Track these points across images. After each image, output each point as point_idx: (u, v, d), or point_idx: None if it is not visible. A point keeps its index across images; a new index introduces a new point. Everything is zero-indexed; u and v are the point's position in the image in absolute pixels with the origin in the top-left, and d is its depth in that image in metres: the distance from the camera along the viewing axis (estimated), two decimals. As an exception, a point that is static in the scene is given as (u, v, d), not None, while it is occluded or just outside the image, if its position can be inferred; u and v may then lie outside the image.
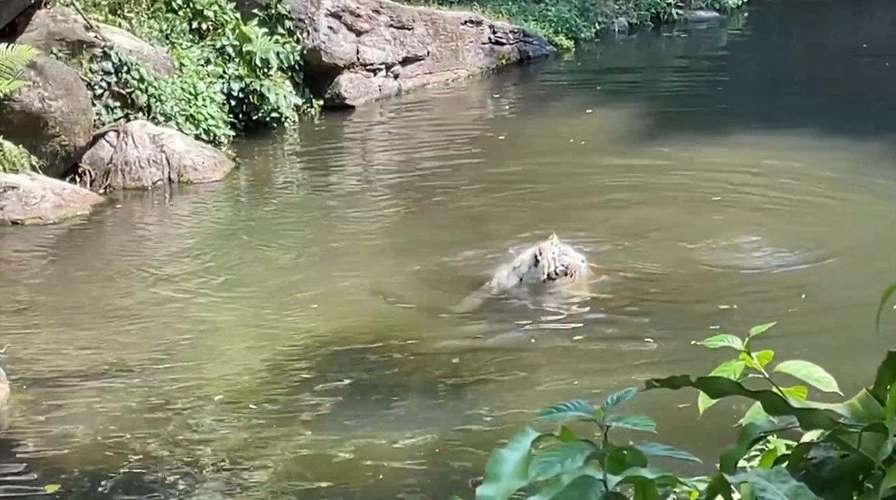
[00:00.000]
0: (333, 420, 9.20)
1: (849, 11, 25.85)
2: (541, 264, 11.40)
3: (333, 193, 14.99)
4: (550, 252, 11.41)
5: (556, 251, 11.44)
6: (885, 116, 17.35)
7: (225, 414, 9.38)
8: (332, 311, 11.17)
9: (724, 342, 2.88)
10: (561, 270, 11.44)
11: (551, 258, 11.40)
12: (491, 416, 9.12)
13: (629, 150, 15.99)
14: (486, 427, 8.96)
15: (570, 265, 11.46)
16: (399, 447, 8.76)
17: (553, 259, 11.40)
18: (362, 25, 18.76)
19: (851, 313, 10.33)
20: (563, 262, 11.43)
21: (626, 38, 22.84)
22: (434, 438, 8.84)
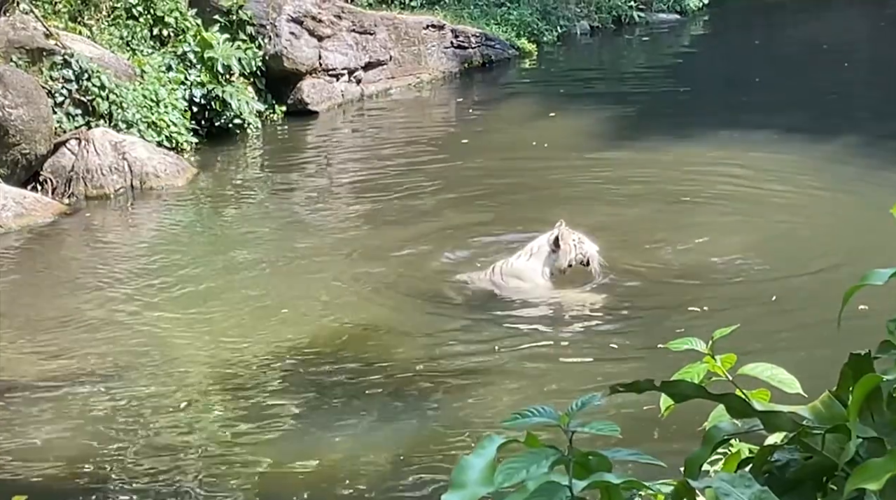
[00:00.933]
0: (299, 429, 9.16)
1: (808, 14, 26.00)
2: (562, 250, 11.21)
3: (297, 200, 14.96)
4: (570, 239, 11.24)
5: (576, 239, 11.29)
6: (845, 115, 17.47)
7: (190, 423, 9.33)
8: (298, 318, 11.13)
9: (688, 345, 2.89)
10: (580, 257, 11.28)
11: (572, 245, 11.23)
12: (456, 423, 9.10)
13: (593, 151, 16.03)
14: (452, 435, 8.94)
15: (588, 253, 11.29)
16: (365, 456, 8.74)
17: (574, 246, 11.25)
18: (324, 31, 18.74)
19: (820, 314, 10.39)
20: (581, 250, 11.25)
21: (587, 40, 22.92)
22: (399, 446, 8.82)
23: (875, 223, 12.65)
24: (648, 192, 14.20)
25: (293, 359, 10.26)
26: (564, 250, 11.21)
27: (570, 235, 11.26)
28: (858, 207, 13.35)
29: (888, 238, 12.07)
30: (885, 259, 11.29)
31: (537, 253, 11.31)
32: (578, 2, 23.15)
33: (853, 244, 12.13)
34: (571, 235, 11.29)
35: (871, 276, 2.27)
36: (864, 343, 2.41)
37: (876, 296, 10.37)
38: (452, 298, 11.49)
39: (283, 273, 12.29)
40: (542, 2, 22.66)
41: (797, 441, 2.33)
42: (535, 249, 11.35)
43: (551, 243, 11.26)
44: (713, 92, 19.39)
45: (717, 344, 2.88)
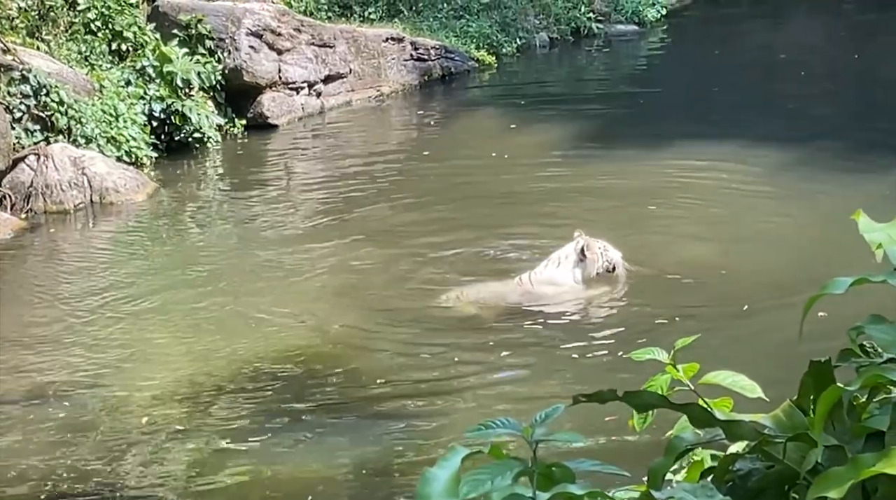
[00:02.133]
0: (259, 443, 9.13)
1: (765, 24, 26.16)
2: (589, 259, 11.42)
3: (258, 214, 14.91)
4: (597, 248, 11.44)
5: (601, 246, 11.49)
6: (802, 124, 17.58)
7: (149, 438, 9.29)
8: (258, 334, 11.08)
9: (650, 355, 2.90)
10: (606, 265, 11.48)
11: (599, 253, 11.43)
12: (418, 435, 9.10)
13: (555, 163, 16.06)
14: (414, 447, 8.94)
15: (614, 260, 11.51)
16: (327, 468, 8.72)
17: (601, 254, 11.45)
18: (284, 44, 18.71)
19: (780, 318, 10.47)
20: (607, 257, 11.47)
21: (547, 52, 22.97)
22: (362, 459, 8.81)
23: (832, 229, 12.76)
24: (611, 202, 14.23)
25: (256, 374, 10.23)
26: (592, 259, 11.45)
27: (595, 244, 11.50)
28: (817, 213, 13.44)
29: (845, 243, 12.18)
30: (844, 264, 11.36)
31: (565, 262, 11.51)
32: (537, 14, 23.21)
33: (815, 250, 12.22)
34: (597, 243, 11.53)
35: (831, 285, 2.28)
36: (821, 348, 2.42)
37: (836, 302, 10.43)
38: (417, 311, 11.49)
39: (245, 288, 12.25)
40: (501, 14, 22.71)
41: (759, 450, 2.34)
42: (563, 257, 11.55)
43: (578, 253, 11.47)
44: (673, 102, 19.47)
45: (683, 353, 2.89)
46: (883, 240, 2.29)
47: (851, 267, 9.71)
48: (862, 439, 2.29)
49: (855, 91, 19.93)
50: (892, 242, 2.28)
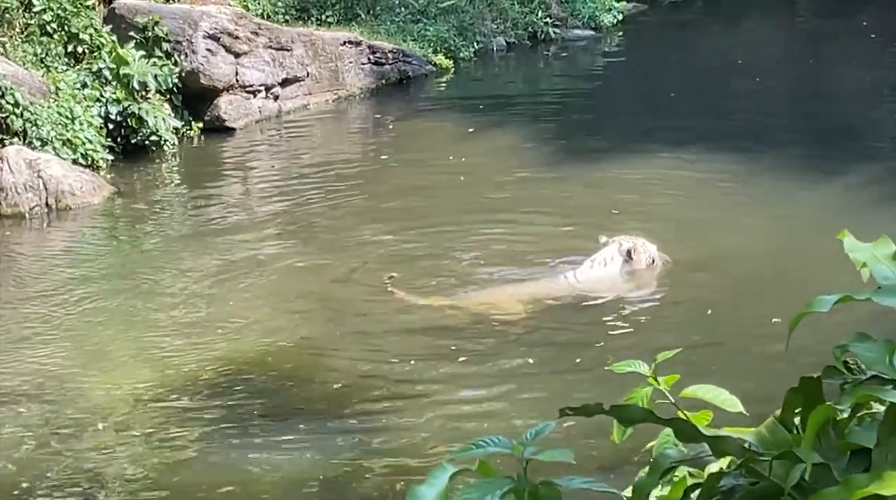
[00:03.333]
0: (221, 449, 9.11)
1: (721, 30, 26.29)
2: (636, 258, 11.91)
3: (215, 217, 14.85)
4: (640, 247, 11.97)
5: (641, 243, 12.02)
6: (759, 129, 17.70)
7: (108, 442, 9.24)
8: (215, 338, 11.05)
9: (631, 368, 2.91)
10: (649, 260, 12.04)
11: (642, 251, 11.96)
12: (380, 442, 9.10)
13: (512, 167, 16.09)
14: (376, 453, 8.93)
15: (653, 254, 12.09)
16: (285, 475, 8.69)
17: (644, 251, 11.98)
18: (241, 47, 18.64)
19: (754, 332, 10.56)
20: (649, 252, 12.04)
21: (504, 56, 23.00)
22: (321, 465, 8.80)
23: (791, 234, 12.87)
24: (569, 207, 14.28)
25: (214, 379, 10.19)
26: (638, 259, 11.96)
27: (638, 243, 12.01)
28: (773, 218, 13.53)
29: (801, 249, 12.30)
30: (806, 271, 11.42)
31: (611, 262, 11.94)
32: (495, 18, 23.23)
33: (776, 258, 12.31)
34: (636, 241, 12.04)
35: (815, 303, 2.30)
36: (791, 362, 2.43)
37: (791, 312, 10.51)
38: (379, 315, 11.48)
39: (203, 292, 12.20)
40: (458, 18, 22.71)
41: (745, 467, 2.35)
42: (609, 258, 11.95)
43: (624, 255, 11.92)
44: (630, 107, 19.56)
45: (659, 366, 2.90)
46: (868, 259, 2.31)
47: (807, 269, 9.77)
48: (846, 456, 2.30)
49: (810, 96, 20.06)
50: (876, 262, 2.29)
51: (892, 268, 2.29)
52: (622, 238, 12.16)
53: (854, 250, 2.36)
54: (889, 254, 2.34)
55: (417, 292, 11.74)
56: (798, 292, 11.08)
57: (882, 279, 2.26)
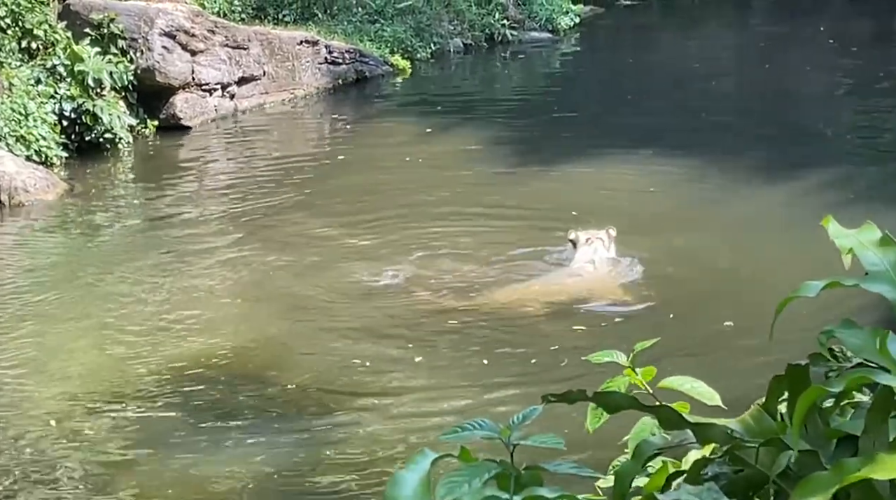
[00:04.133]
0: (176, 447, 9.02)
1: (678, 34, 26.44)
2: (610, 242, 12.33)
3: (168, 216, 14.73)
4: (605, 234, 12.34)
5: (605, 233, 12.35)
6: (714, 131, 17.79)
7: (61, 439, 9.14)
8: (170, 337, 10.94)
9: (609, 358, 2.88)
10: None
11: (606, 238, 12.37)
12: (341, 439, 9.05)
13: (468, 168, 16.09)
14: (337, 450, 8.89)
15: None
16: (244, 473, 8.63)
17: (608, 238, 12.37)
18: (197, 45, 18.53)
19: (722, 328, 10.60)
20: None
21: (461, 58, 23.01)
22: (281, 463, 8.74)
23: (747, 235, 12.93)
24: (526, 206, 14.27)
25: (170, 379, 10.09)
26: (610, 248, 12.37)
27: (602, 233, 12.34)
28: (728, 219, 13.60)
29: (757, 250, 12.37)
30: (764, 270, 11.47)
31: (602, 249, 12.26)
32: (452, 20, 23.23)
33: (735, 257, 12.36)
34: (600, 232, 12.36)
35: (803, 288, 2.28)
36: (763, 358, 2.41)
37: (741, 315, 10.50)
38: (336, 312, 11.44)
39: (156, 291, 12.09)
40: (415, 19, 22.70)
41: (729, 454, 2.33)
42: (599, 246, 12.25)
43: (606, 238, 12.29)
44: (587, 110, 19.59)
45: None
46: (854, 245, 2.29)
47: (768, 271, 9.78)
48: (832, 443, 2.29)
49: (765, 99, 20.19)
50: (863, 248, 2.28)
51: (879, 254, 2.27)
52: (590, 232, 12.32)
53: (839, 236, 2.35)
54: (875, 240, 2.32)
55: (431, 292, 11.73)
56: (760, 289, 11.13)
57: (870, 265, 2.24)
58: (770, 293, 8.71)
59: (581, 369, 9.04)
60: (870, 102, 19.31)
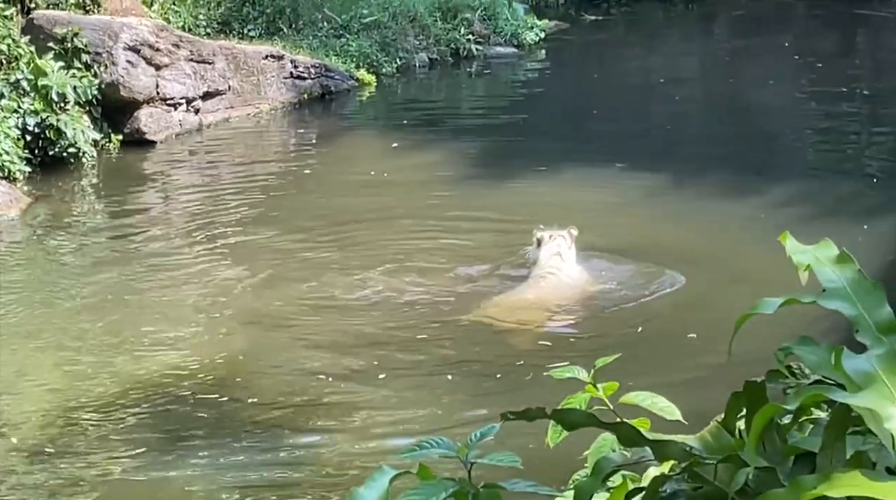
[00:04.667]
0: (141, 465, 8.98)
1: (642, 49, 26.54)
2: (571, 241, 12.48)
3: (132, 231, 14.66)
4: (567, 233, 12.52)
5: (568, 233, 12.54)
6: (679, 146, 17.87)
7: (23, 457, 9.08)
8: (134, 354, 10.88)
9: (570, 374, 2.89)
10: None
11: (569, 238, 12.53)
12: (308, 457, 9.02)
13: (434, 182, 16.09)
14: (304, 469, 8.86)
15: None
16: (212, 491, 8.60)
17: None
18: (162, 59, 18.48)
19: (686, 342, 10.62)
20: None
21: (427, 72, 23.04)
22: (249, 481, 8.71)
23: (715, 250, 12.98)
24: (492, 220, 14.29)
25: (137, 395, 10.04)
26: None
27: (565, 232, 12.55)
28: (696, 235, 13.63)
29: (729, 264, 12.41)
30: (727, 285, 11.51)
31: (568, 251, 12.40)
32: (417, 34, 23.25)
33: (698, 272, 12.40)
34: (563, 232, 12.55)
35: (760, 305, 2.29)
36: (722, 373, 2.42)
37: (706, 327, 10.53)
38: (298, 327, 11.41)
39: (122, 306, 12.03)
40: (381, 34, 22.71)
41: (688, 471, 2.34)
42: (565, 247, 12.39)
43: (568, 236, 12.44)
44: (552, 124, 19.65)
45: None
46: (811, 262, 2.30)
47: (732, 286, 9.82)
48: (790, 460, 2.29)
49: (729, 114, 20.30)
50: (820, 264, 2.29)
51: (836, 271, 2.28)
52: (553, 230, 12.52)
53: (796, 252, 2.36)
54: (832, 256, 2.33)
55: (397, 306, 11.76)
56: (724, 302, 11.19)
57: (827, 282, 2.25)
58: (734, 306, 8.81)
59: (546, 384, 9.04)
60: (833, 116, 19.43)
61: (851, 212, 14.40)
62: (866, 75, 22.83)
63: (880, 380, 2.03)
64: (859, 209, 14.44)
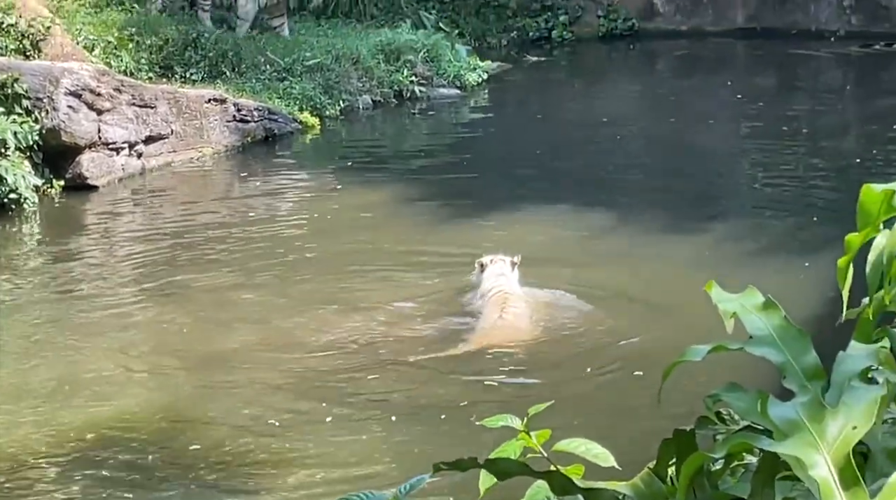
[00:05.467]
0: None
1: (585, 89, 26.74)
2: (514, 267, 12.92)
3: (74, 277, 14.55)
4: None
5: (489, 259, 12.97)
6: (620, 186, 17.98)
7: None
8: (74, 402, 10.77)
9: (503, 423, 2.89)
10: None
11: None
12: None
13: (375, 225, 16.11)
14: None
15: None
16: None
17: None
18: (103, 104, 18.41)
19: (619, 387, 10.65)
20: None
21: (370, 114, 23.08)
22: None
23: (655, 292, 13.04)
24: (435, 261, 14.30)
25: (70, 445, 9.93)
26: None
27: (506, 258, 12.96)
28: (638, 275, 13.69)
29: (669, 305, 12.47)
30: (667, 325, 11.55)
31: (511, 275, 12.83)
32: (360, 77, 23.30)
33: (638, 312, 12.45)
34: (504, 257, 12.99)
35: (688, 353, 2.30)
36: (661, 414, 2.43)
37: (644, 365, 10.54)
38: (240, 371, 11.36)
39: (59, 353, 11.92)
40: (324, 76, 22.74)
41: (620, 519, 2.34)
42: (507, 272, 12.80)
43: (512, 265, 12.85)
44: (496, 163, 19.72)
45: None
46: (737, 309, 2.32)
47: (671, 326, 9.87)
48: (721, 506, 2.30)
49: (670, 153, 20.43)
50: (746, 312, 2.30)
51: (762, 318, 2.30)
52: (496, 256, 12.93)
53: (722, 300, 2.37)
54: (758, 304, 2.35)
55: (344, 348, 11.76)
56: (660, 345, 11.24)
57: (754, 330, 2.27)
58: (676, 346, 8.83)
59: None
60: (774, 154, 19.62)
61: (793, 249, 14.54)
62: (806, 114, 23.08)
63: (805, 427, 2.05)
64: (800, 246, 14.57)
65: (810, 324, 9.61)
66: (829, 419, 2.11)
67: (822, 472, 2.04)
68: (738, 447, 2.11)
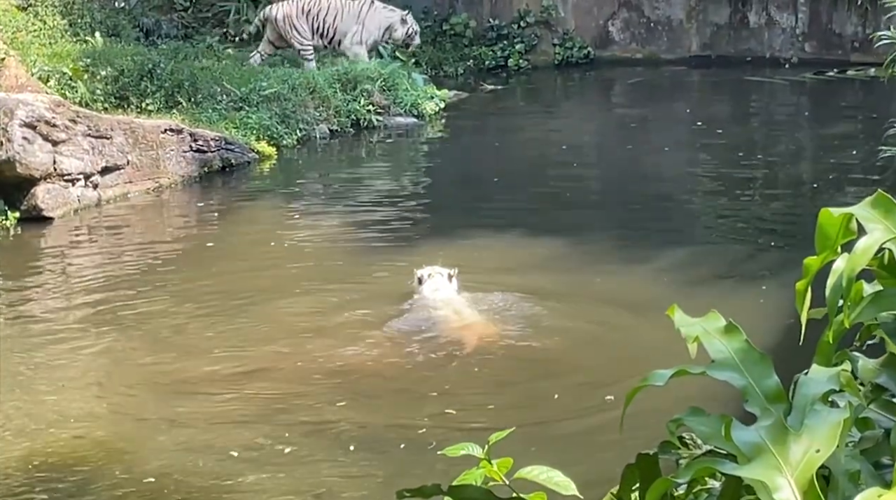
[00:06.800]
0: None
1: (541, 117, 26.83)
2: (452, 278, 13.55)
3: (29, 310, 14.43)
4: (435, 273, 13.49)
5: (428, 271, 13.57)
6: (576, 213, 18.05)
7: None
8: (24, 433, 10.67)
9: (465, 451, 2.87)
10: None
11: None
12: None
13: (335, 253, 16.09)
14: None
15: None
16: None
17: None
18: (59, 135, 18.32)
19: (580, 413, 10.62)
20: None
21: (327, 143, 23.08)
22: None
23: (615, 317, 13.06)
24: (389, 288, 14.28)
25: (21, 478, 9.84)
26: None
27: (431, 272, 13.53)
28: (591, 300, 13.73)
29: (629, 330, 12.50)
30: (629, 349, 11.57)
31: (449, 285, 13.41)
32: (317, 106, 23.30)
33: (598, 339, 12.46)
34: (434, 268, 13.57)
35: (651, 377, 2.29)
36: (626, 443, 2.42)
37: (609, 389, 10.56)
38: (192, 405, 11.28)
39: (19, 384, 11.82)
40: (281, 106, 22.72)
41: (583, 546, 2.33)
42: (444, 284, 13.33)
43: (450, 277, 13.42)
44: (453, 191, 19.77)
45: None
46: (699, 333, 2.31)
47: (633, 350, 9.89)
48: (684, 531, 2.29)
49: (627, 181, 20.51)
50: (708, 336, 2.30)
51: (724, 342, 2.29)
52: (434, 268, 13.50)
53: (684, 324, 2.36)
54: (720, 328, 2.34)
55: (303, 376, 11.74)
56: (620, 370, 11.26)
57: (716, 353, 2.26)
58: (629, 375, 8.87)
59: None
60: (732, 180, 19.74)
61: (751, 274, 14.60)
62: (762, 140, 23.26)
63: (769, 451, 2.04)
64: (759, 271, 14.63)
65: (770, 348, 9.64)
66: (792, 443, 2.10)
67: (786, 495, 2.03)
68: (702, 471, 2.10)
